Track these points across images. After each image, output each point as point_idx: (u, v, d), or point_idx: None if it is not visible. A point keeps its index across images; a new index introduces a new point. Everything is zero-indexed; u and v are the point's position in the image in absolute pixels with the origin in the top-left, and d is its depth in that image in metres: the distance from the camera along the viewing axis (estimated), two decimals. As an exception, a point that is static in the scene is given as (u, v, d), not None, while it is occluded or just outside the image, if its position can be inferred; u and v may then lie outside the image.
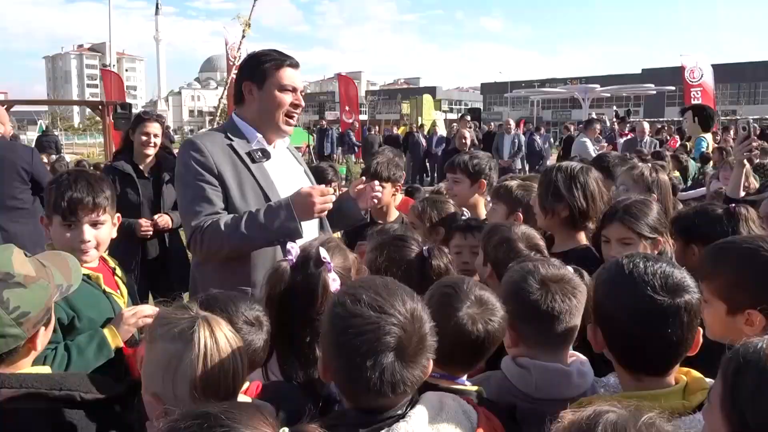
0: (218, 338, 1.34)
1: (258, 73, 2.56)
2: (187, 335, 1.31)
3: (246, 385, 1.72)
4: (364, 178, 2.99)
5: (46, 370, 1.60)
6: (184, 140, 2.81)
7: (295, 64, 2.60)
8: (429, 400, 1.37)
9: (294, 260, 1.73)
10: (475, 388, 1.64)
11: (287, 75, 2.57)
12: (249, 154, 2.57)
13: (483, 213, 3.45)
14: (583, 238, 2.64)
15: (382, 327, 1.24)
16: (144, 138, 4.31)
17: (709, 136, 8.44)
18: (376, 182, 2.87)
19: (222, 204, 2.49)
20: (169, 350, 1.32)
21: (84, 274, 2.07)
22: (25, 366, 1.52)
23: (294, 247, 1.76)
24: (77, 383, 1.54)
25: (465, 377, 1.67)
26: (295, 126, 2.76)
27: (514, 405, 1.67)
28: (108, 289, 2.20)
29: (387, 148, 4.02)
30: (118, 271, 2.36)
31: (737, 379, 1.10)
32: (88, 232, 2.15)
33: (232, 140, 2.58)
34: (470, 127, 13.54)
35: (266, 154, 2.61)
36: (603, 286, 1.58)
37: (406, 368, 1.25)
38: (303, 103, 2.66)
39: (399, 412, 1.31)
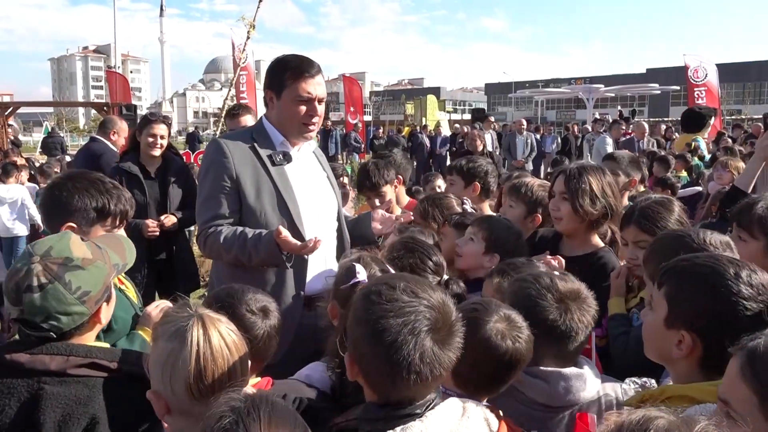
0: (211, 336, 1.35)
1: (277, 82, 2.61)
2: (183, 333, 1.35)
3: (257, 380, 1.78)
4: (391, 200, 3.10)
5: (106, 345, 1.70)
6: (211, 140, 2.92)
7: (314, 74, 2.59)
8: (452, 404, 1.39)
9: (366, 280, 1.78)
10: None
11: (304, 86, 2.57)
12: (270, 156, 2.62)
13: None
14: (598, 240, 2.68)
15: (420, 310, 1.30)
16: (151, 139, 4.36)
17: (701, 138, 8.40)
18: (409, 217, 2.90)
19: (232, 208, 2.57)
20: (167, 348, 1.36)
21: None
22: (90, 339, 1.67)
23: (361, 270, 1.82)
24: (134, 360, 1.64)
25: (485, 400, 1.62)
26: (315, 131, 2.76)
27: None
28: (120, 286, 2.30)
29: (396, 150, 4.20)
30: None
31: None
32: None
33: (256, 142, 2.64)
34: (494, 129, 13.21)
35: (287, 158, 2.66)
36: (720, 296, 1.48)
37: (442, 350, 1.30)
38: (319, 113, 2.64)
39: (417, 411, 1.32)
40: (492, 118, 14.52)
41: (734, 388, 1.20)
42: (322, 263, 2.68)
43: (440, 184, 4.57)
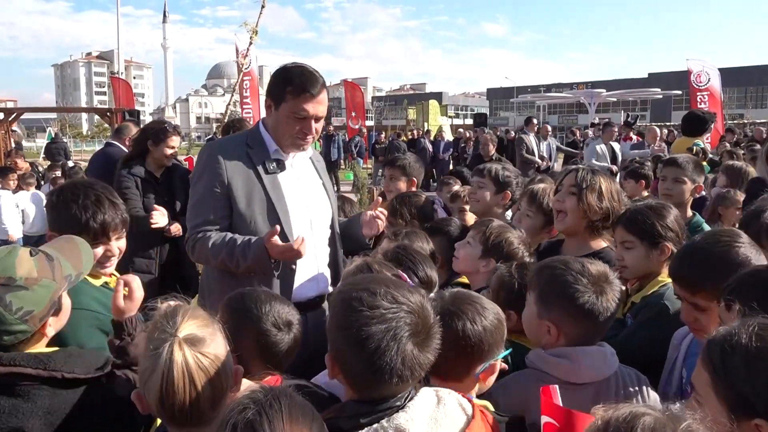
0: (174, 363, 1.32)
1: (278, 94, 2.58)
2: (156, 355, 1.34)
3: (267, 378, 1.78)
4: (379, 200, 3.01)
5: (51, 350, 1.66)
6: (204, 145, 2.90)
7: (316, 94, 2.54)
8: (426, 393, 1.42)
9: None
10: (485, 402, 1.65)
11: (303, 105, 2.52)
12: (263, 164, 2.61)
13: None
14: (600, 242, 2.70)
15: (401, 316, 1.33)
16: (170, 151, 4.46)
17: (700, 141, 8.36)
18: (382, 210, 2.85)
19: (222, 213, 2.57)
20: (144, 364, 1.38)
21: (105, 282, 2.24)
22: (38, 348, 1.63)
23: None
24: (62, 362, 1.59)
25: (474, 394, 1.67)
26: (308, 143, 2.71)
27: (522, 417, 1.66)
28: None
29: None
30: (116, 274, 2.48)
31: (726, 364, 1.21)
32: (114, 246, 2.25)
33: (250, 148, 2.64)
34: (535, 132, 12.50)
35: (281, 165, 2.65)
36: None
37: (422, 352, 1.35)
38: (314, 130, 2.61)
39: (398, 403, 1.36)
40: (535, 121, 13.45)
41: (698, 373, 1.29)
42: (314, 270, 2.67)
43: (457, 189, 4.46)
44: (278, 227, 2.39)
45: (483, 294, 2.25)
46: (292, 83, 2.53)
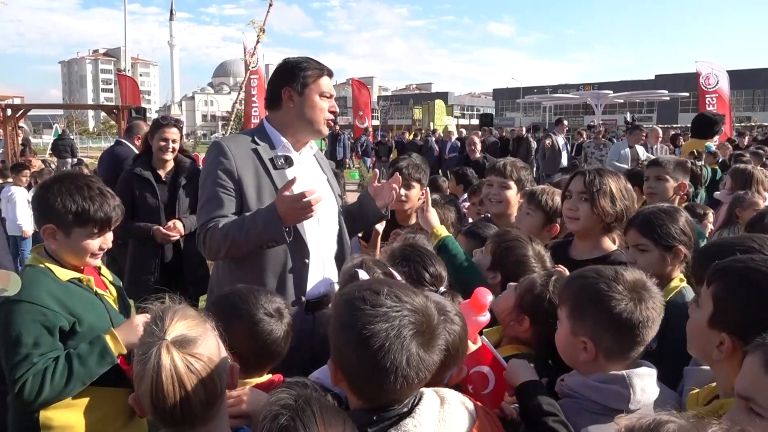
0: (163, 368, 1.29)
1: (299, 79, 2.61)
2: (144, 360, 1.31)
3: (268, 376, 1.82)
4: (377, 172, 2.95)
5: None
6: (212, 142, 2.88)
7: (331, 74, 2.70)
8: (431, 396, 1.39)
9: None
10: None
11: (326, 83, 2.65)
12: (272, 159, 2.60)
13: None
14: (610, 243, 2.68)
15: (404, 314, 1.30)
16: (162, 143, 4.36)
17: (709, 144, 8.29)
18: (398, 178, 2.82)
19: (234, 209, 2.53)
20: (136, 369, 1.35)
21: (76, 278, 2.18)
22: None
23: (365, 275, 1.80)
24: None
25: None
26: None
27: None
28: (99, 291, 2.26)
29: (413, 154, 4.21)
30: (103, 270, 2.40)
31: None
32: (109, 239, 2.25)
33: (257, 145, 2.62)
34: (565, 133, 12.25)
35: (289, 161, 2.64)
36: None
37: (427, 353, 1.31)
38: (338, 110, 2.75)
39: (405, 409, 1.33)
40: (565, 122, 13.24)
41: (759, 383, 1.18)
42: (320, 268, 2.65)
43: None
44: (295, 177, 2.36)
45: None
46: (312, 67, 2.64)
